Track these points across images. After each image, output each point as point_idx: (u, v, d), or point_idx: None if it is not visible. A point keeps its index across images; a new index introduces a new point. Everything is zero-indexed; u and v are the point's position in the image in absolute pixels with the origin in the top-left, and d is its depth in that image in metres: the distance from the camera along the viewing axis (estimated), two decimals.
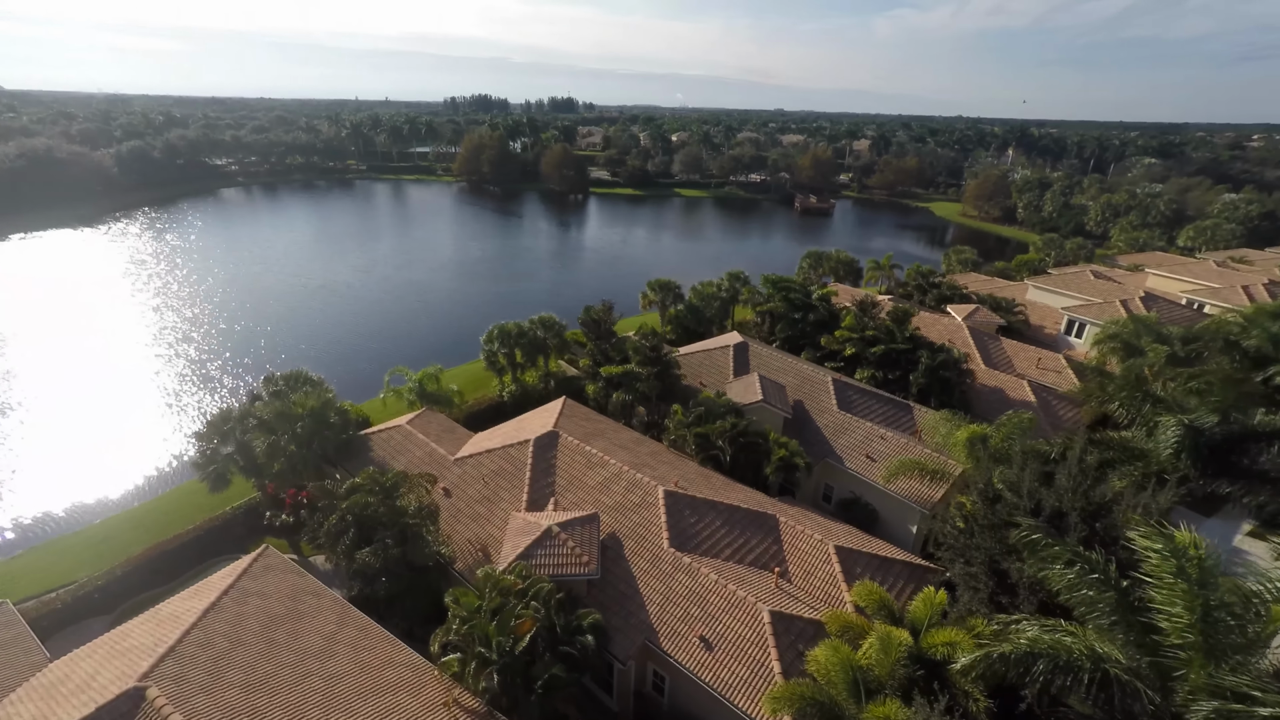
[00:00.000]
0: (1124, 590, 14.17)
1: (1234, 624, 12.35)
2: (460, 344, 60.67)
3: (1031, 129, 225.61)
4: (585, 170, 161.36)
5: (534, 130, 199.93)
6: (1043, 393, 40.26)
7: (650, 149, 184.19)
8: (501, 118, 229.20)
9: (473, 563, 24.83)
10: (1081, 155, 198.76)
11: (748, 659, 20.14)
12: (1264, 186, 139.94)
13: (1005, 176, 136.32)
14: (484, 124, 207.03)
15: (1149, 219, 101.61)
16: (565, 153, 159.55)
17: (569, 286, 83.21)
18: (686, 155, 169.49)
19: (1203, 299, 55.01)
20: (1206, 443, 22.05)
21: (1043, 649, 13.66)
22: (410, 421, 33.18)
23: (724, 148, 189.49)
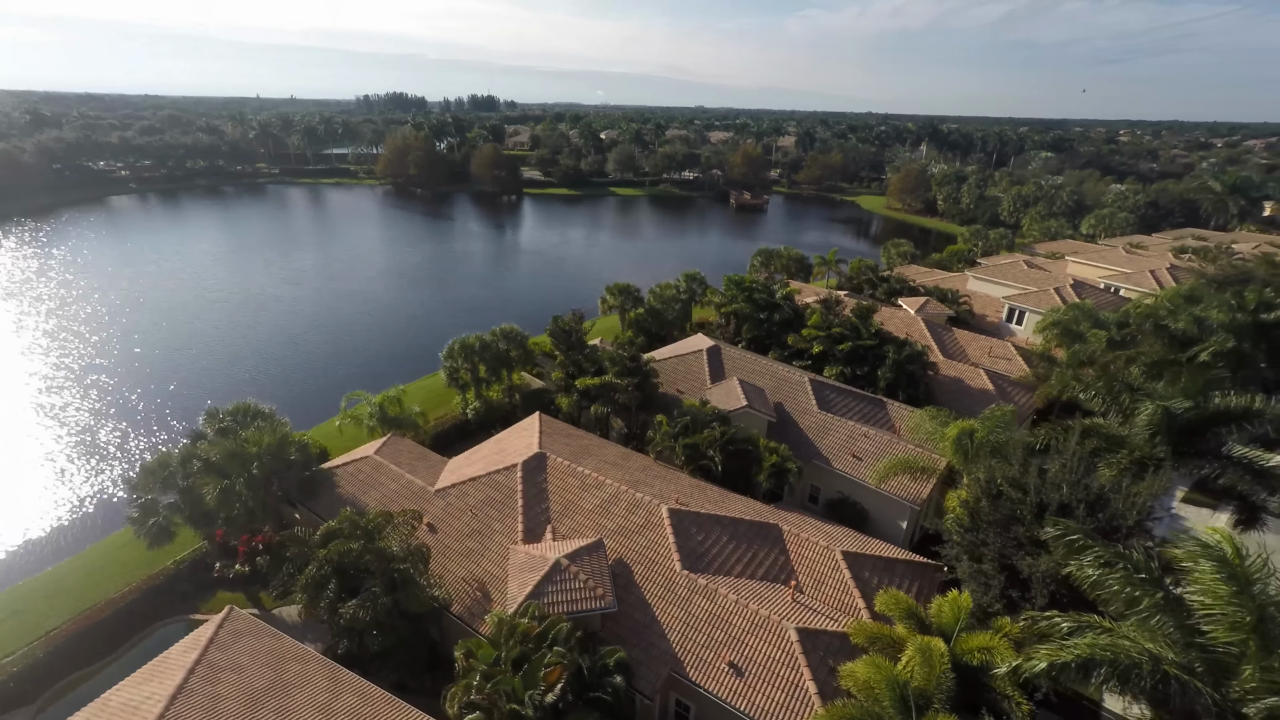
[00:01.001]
0: (1169, 590, 14.52)
1: None
2: (412, 357, 57.44)
3: (941, 125, 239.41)
4: (517, 171, 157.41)
5: (460, 130, 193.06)
6: (998, 380, 42.22)
7: (582, 148, 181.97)
8: (425, 117, 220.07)
9: (471, 604, 23.04)
10: (985, 150, 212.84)
11: (781, 681, 19.60)
12: (1142, 177, 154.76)
13: (924, 171, 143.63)
14: (406, 124, 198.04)
15: (1054, 209, 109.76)
16: (496, 153, 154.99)
17: (518, 291, 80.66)
18: (620, 154, 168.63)
19: (1118, 283, 59.62)
20: (1177, 426, 23.51)
21: (1103, 655, 13.76)
22: (379, 451, 30.66)
23: (653, 146, 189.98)
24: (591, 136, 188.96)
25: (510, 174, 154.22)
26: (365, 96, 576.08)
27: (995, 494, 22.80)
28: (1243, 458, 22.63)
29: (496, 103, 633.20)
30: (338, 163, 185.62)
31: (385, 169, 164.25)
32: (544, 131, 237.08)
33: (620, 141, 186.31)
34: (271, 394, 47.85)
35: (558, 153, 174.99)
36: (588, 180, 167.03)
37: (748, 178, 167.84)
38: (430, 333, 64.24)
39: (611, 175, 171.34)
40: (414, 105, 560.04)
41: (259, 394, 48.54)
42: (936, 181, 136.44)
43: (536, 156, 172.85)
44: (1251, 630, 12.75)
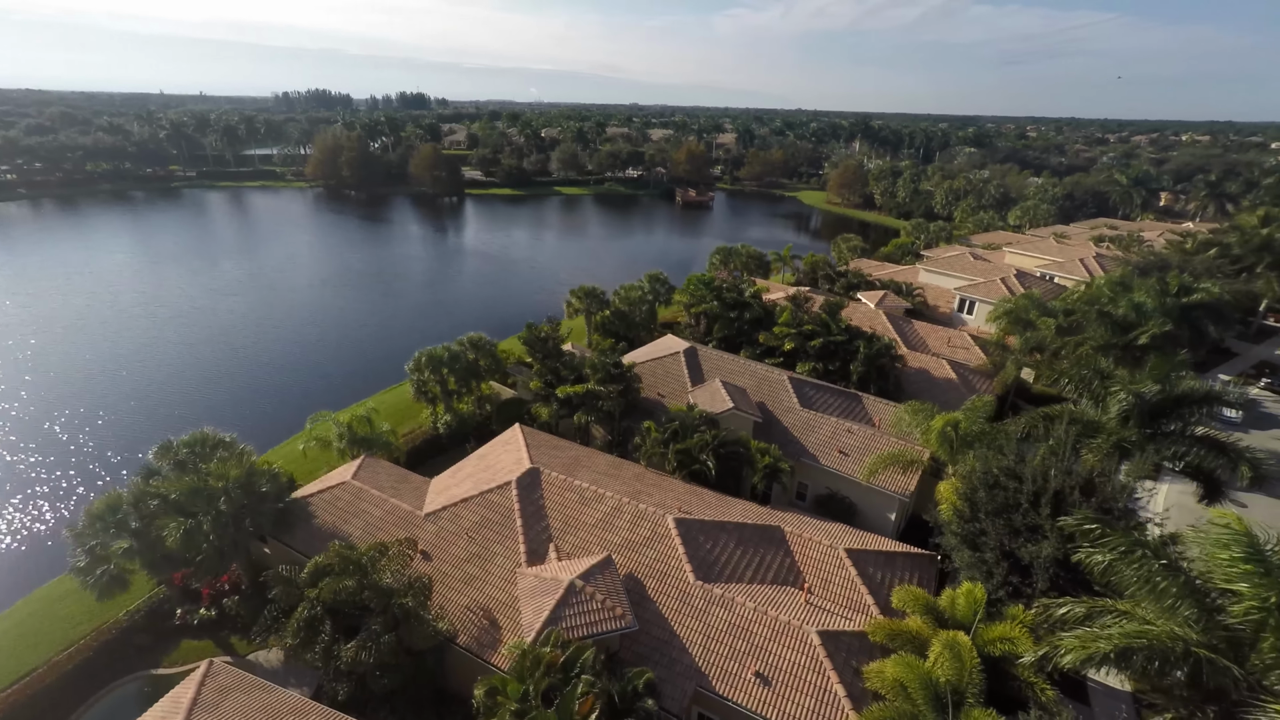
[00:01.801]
0: (1188, 573, 15.27)
1: None
2: (369, 369, 54.63)
3: (872, 122, 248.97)
4: (458, 171, 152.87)
5: (394, 129, 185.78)
6: (960, 369, 44.03)
7: (524, 147, 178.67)
8: (356, 116, 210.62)
9: (479, 634, 21.88)
10: (913, 145, 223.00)
11: (809, 687, 19.56)
12: (1054, 171, 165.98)
13: (861, 166, 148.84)
14: (335, 123, 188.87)
15: (983, 201, 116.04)
16: (435, 153, 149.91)
17: (470, 296, 78.23)
18: (563, 153, 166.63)
19: (1052, 272, 63.50)
20: (1146, 409, 25.06)
21: (1139, 644, 14.32)
22: (355, 475, 28.79)
23: (595, 144, 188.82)
24: (533, 135, 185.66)
25: (451, 175, 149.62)
26: (284, 94, 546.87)
27: (992, 484, 23.56)
28: (1208, 436, 24.34)
29: (427, 100, 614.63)
30: (262, 164, 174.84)
31: (316, 170, 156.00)
32: (481, 130, 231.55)
33: (563, 140, 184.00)
34: (219, 416, 44.33)
35: (499, 152, 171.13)
36: (531, 180, 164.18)
37: (692, 175, 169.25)
38: (386, 343, 61.45)
39: (555, 174, 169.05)
40: (339, 103, 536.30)
41: (203, 417, 45.05)
42: (873, 177, 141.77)
43: (477, 156, 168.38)
44: (1275, 608, 13.55)
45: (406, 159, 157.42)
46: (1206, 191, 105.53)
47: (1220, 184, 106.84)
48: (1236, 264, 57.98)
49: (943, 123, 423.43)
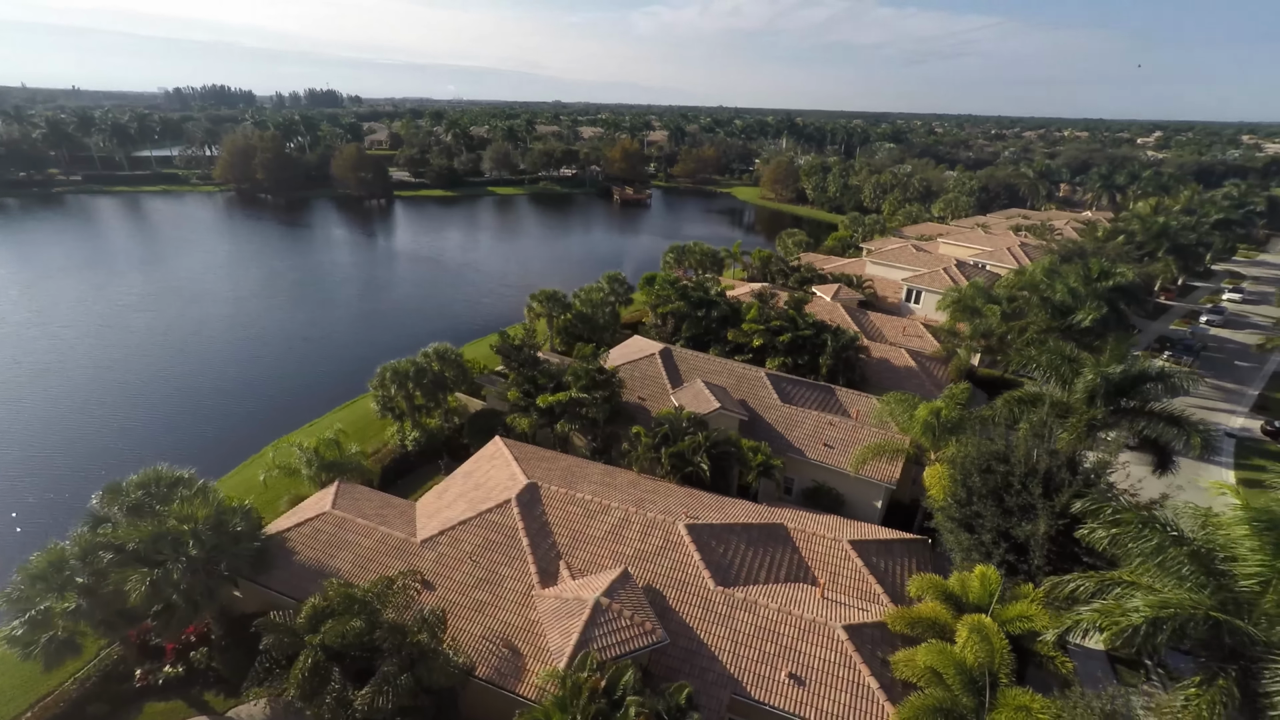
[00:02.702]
0: (1195, 544, 16.47)
1: None
2: (318, 385, 51.28)
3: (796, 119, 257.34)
4: (385, 172, 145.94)
5: (310, 128, 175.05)
6: (918, 358, 46.15)
7: (453, 146, 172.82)
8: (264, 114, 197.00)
9: (499, 664, 20.80)
10: (835, 141, 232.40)
11: (842, 683, 19.82)
12: (966, 165, 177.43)
13: (792, 162, 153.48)
14: (244, 121, 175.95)
15: (908, 195, 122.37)
16: (359, 153, 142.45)
17: (419, 303, 74.64)
18: (495, 152, 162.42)
19: (984, 260, 67.70)
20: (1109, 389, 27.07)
21: (1167, 614, 15.30)
22: (335, 504, 26.75)
23: (525, 142, 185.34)
24: (463, 134, 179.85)
25: (377, 176, 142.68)
26: (176, 90, 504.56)
27: (984, 468, 24.69)
28: (1165, 410, 26.56)
29: (339, 98, 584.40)
30: (160, 167, 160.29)
31: (225, 173, 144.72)
32: (404, 129, 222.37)
33: (494, 139, 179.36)
34: (154, 447, 40.40)
35: (427, 152, 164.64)
36: (463, 180, 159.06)
37: (627, 173, 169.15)
38: (332, 356, 57.84)
39: (488, 174, 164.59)
40: (240, 100, 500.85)
41: (134, 449, 41.11)
42: (804, 172, 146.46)
43: (403, 156, 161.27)
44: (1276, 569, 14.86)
45: (327, 160, 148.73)
46: (1100, 183, 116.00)
47: (1110, 176, 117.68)
48: (1140, 249, 63.96)
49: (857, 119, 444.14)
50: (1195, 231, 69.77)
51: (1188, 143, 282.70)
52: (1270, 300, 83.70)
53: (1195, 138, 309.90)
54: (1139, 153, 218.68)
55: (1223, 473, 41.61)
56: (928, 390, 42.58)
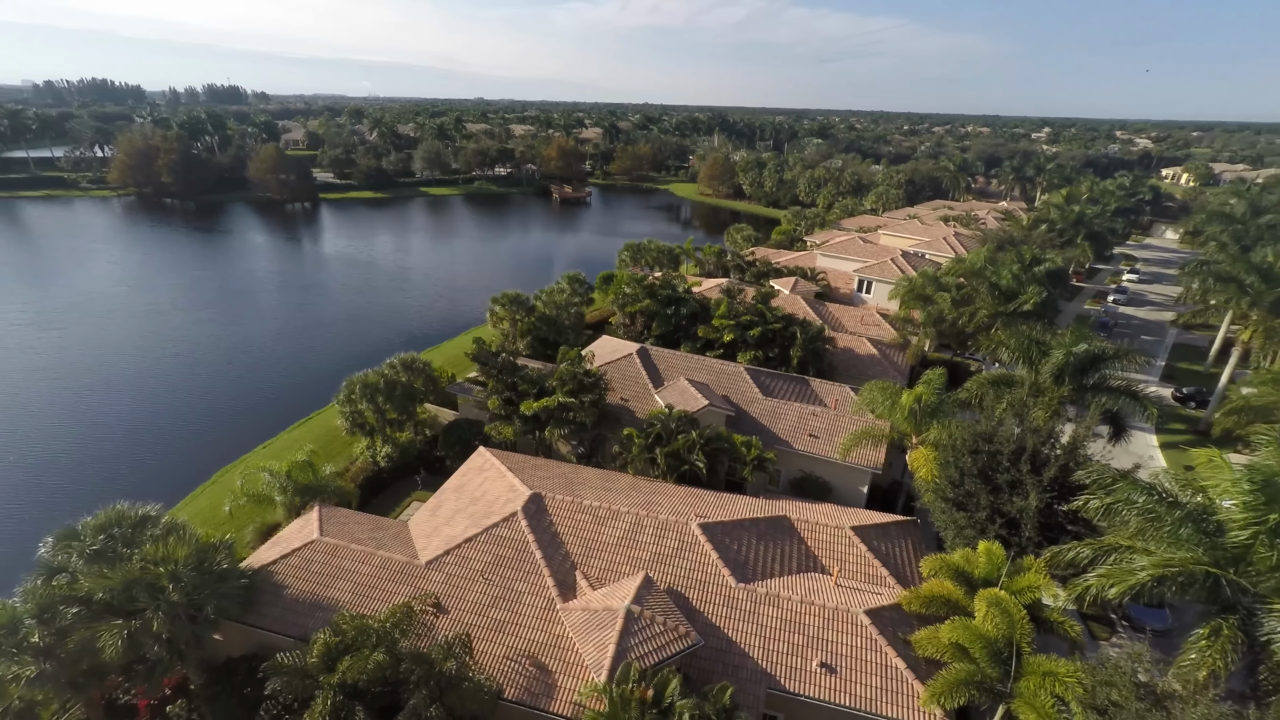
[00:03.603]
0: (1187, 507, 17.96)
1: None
2: (265, 402, 48.03)
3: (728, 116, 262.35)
4: (309, 174, 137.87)
5: (219, 127, 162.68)
6: (879, 345, 48.15)
7: (380, 145, 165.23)
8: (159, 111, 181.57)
9: (529, 684, 20.07)
10: (764, 138, 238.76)
11: (871, 667, 20.38)
12: (890, 160, 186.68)
13: (728, 158, 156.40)
14: (141, 119, 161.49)
15: (841, 189, 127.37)
16: (279, 154, 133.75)
17: (365, 310, 70.85)
18: (426, 151, 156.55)
19: (924, 250, 71.39)
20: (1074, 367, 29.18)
21: (1173, 572, 16.61)
22: (323, 530, 24.98)
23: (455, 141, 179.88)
24: (389, 133, 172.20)
25: (300, 178, 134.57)
26: (48, 82, 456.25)
27: (973, 449, 26.01)
28: (1124, 386, 28.90)
29: (243, 94, 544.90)
30: (41, 169, 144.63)
31: (123, 176, 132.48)
32: (322, 128, 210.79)
33: (424, 138, 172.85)
34: (87, 482, 36.59)
35: (351, 151, 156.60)
36: (393, 181, 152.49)
37: (564, 171, 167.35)
38: (277, 371, 54.17)
39: (419, 174, 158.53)
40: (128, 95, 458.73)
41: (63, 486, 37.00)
42: (740, 168, 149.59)
43: (327, 157, 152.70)
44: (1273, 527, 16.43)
45: (242, 161, 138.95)
46: (1013, 175, 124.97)
47: (1021, 169, 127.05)
48: (1061, 236, 69.39)
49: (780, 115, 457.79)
50: (1101, 219, 76.41)
51: (1074, 137, 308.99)
52: (1161, 279, 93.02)
53: (1079, 133, 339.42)
54: (1035, 147, 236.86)
55: (1147, 438, 45.85)
56: (891, 375, 44.52)
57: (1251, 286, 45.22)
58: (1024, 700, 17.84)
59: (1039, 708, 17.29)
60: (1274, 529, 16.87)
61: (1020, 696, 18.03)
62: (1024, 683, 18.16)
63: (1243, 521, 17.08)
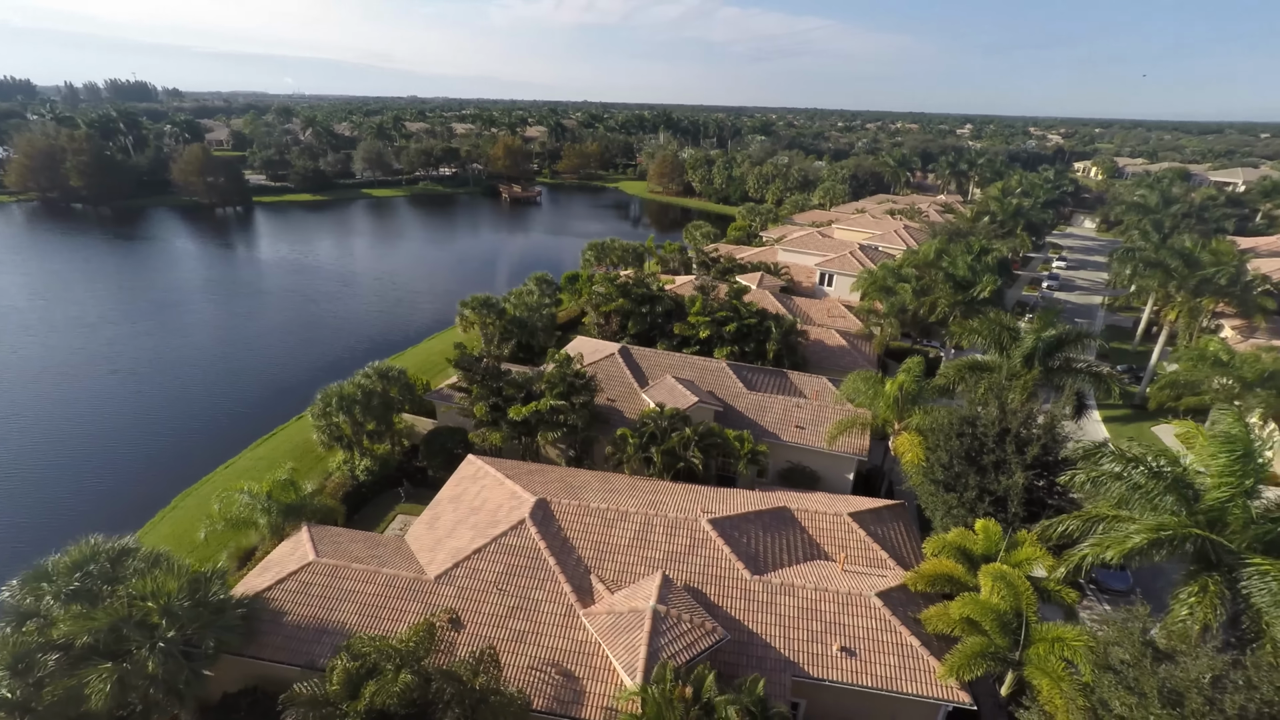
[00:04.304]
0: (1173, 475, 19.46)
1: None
2: (225, 417, 45.19)
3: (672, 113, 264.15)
4: (240, 176, 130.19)
5: (133, 126, 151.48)
6: (847, 336, 49.78)
7: (316, 145, 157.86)
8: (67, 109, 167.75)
9: (557, 692, 19.80)
10: (708, 135, 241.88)
11: (888, 646, 21.12)
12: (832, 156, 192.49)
13: (677, 155, 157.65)
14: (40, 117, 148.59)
15: (789, 185, 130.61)
16: (205, 155, 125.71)
17: (319, 318, 67.50)
18: (367, 151, 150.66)
19: (877, 243, 74.11)
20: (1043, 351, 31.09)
21: (1165, 535, 17.98)
22: (318, 550, 23.80)
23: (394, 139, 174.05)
24: (326, 132, 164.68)
25: (230, 180, 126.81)
26: None
27: (959, 432, 27.32)
28: (1089, 368, 30.99)
29: (152, 91, 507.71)
30: None
31: (22, 180, 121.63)
32: (250, 127, 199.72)
33: (364, 137, 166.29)
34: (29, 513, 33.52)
35: (285, 152, 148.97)
36: (333, 182, 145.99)
37: (512, 171, 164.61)
38: (232, 385, 51.07)
39: (360, 175, 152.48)
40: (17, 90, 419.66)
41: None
42: (690, 165, 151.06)
43: (260, 158, 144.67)
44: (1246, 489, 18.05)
45: (163, 163, 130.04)
46: (949, 170, 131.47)
47: (956, 164, 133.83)
48: (1002, 227, 73.55)
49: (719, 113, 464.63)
50: (1035, 210, 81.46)
51: (994, 133, 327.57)
52: (1086, 265, 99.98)
53: (998, 129, 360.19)
54: (961, 142, 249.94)
55: (1090, 413, 49.22)
56: (861, 365, 46.12)
57: (1176, 271, 49.28)
58: (1035, 666, 18.92)
59: (1050, 671, 18.37)
60: (1247, 491, 18.51)
61: (1031, 663, 19.12)
62: (1033, 650, 19.26)
63: (1221, 486, 18.66)
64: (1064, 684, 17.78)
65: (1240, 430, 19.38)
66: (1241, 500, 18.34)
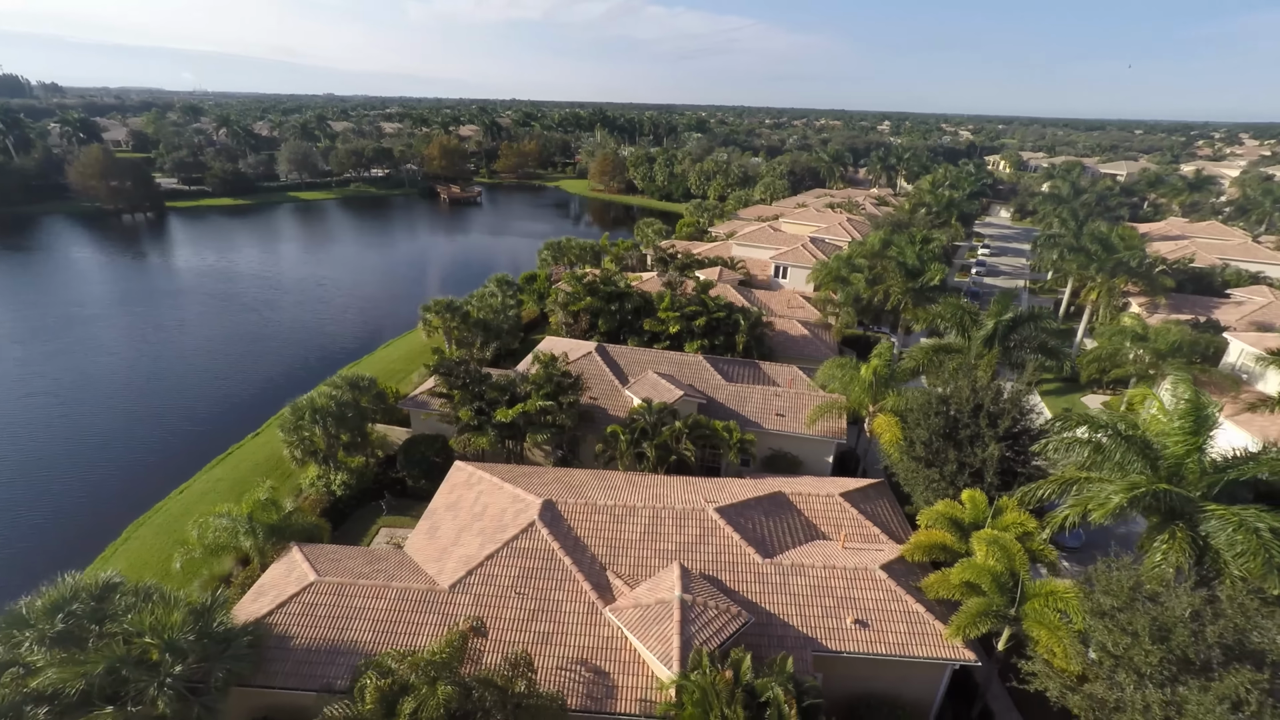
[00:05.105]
0: (1137, 437, 21.56)
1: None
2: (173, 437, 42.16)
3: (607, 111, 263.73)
4: (149, 179, 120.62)
5: (12, 125, 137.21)
6: (809, 326, 51.65)
7: (234, 147, 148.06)
8: None
9: (588, 689, 19.83)
10: (644, 132, 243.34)
11: (897, 615, 22.34)
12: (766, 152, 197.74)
13: (617, 153, 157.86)
14: None
15: (730, 181, 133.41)
16: (107, 157, 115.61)
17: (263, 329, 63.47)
18: (292, 152, 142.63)
19: (824, 236, 77.09)
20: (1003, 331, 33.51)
21: (1140, 494, 19.93)
22: (317, 569, 22.77)
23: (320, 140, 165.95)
24: (244, 132, 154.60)
25: (138, 184, 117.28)
26: None
27: (937, 410, 29.08)
28: (1044, 343, 33.62)
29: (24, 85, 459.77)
30: None
31: None
32: (151, 126, 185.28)
33: (286, 137, 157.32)
34: None
35: (199, 153, 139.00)
36: (255, 186, 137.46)
37: (448, 171, 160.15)
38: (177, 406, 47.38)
39: (285, 178, 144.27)
40: None
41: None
42: (631, 163, 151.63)
43: (170, 159, 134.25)
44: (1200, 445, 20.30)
45: (56, 166, 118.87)
46: (880, 164, 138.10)
47: (886, 159, 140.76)
48: (938, 218, 78.14)
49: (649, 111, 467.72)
50: (963, 201, 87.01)
51: (911, 129, 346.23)
52: (1006, 252, 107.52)
53: (914, 126, 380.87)
54: (883, 138, 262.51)
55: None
56: (824, 353, 48.09)
57: (1096, 255, 54.00)
58: (1032, 619, 20.52)
59: (1047, 623, 20.00)
60: (1200, 447, 20.77)
61: (1028, 617, 20.73)
62: (1029, 605, 20.87)
63: (1180, 443, 20.86)
64: (1061, 632, 19.42)
65: (1193, 393, 21.71)
66: (1197, 455, 20.56)
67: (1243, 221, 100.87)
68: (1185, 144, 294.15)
